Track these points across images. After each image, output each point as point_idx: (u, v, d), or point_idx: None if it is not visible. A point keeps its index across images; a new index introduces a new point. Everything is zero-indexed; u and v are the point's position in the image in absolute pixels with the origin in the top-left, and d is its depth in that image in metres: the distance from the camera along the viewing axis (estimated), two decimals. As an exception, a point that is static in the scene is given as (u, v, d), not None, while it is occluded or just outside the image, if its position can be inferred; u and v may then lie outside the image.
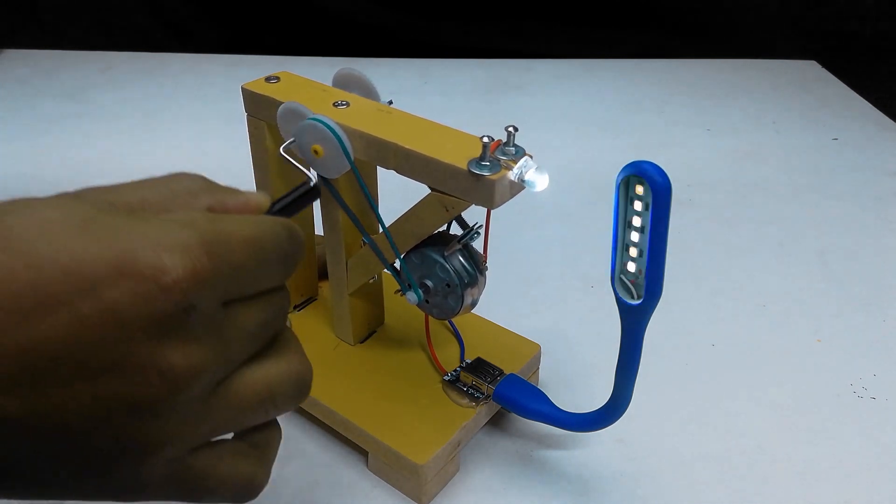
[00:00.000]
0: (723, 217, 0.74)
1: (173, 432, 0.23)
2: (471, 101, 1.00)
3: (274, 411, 0.26)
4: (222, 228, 0.23)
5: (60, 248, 0.21)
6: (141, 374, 0.21)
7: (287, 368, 0.26)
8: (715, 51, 1.17)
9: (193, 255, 0.21)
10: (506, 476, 0.45)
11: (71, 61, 1.10)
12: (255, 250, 0.24)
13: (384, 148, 0.39)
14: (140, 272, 0.21)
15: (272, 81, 0.45)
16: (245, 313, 0.24)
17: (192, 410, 0.23)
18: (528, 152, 0.37)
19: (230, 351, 0.24)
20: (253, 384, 0.25)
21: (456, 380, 0.46)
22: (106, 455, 0.22)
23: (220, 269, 0.22)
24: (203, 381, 0.23)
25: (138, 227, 0.22)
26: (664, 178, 0.31)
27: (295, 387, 0.26)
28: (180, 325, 0.21)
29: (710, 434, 0.48)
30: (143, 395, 0.21)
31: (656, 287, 0.34)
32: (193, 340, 0.22)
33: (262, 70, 0.47)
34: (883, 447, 0.48)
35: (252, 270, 0.24)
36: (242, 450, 0.26)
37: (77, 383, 0.21)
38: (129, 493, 0.24)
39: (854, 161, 0.86)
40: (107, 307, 0.20)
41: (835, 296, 0.62)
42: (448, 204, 0.38)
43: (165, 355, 0.21)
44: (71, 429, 0.21)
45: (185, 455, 0.24)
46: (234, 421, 0.25)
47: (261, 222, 0.25)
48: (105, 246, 0.21)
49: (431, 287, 0.42)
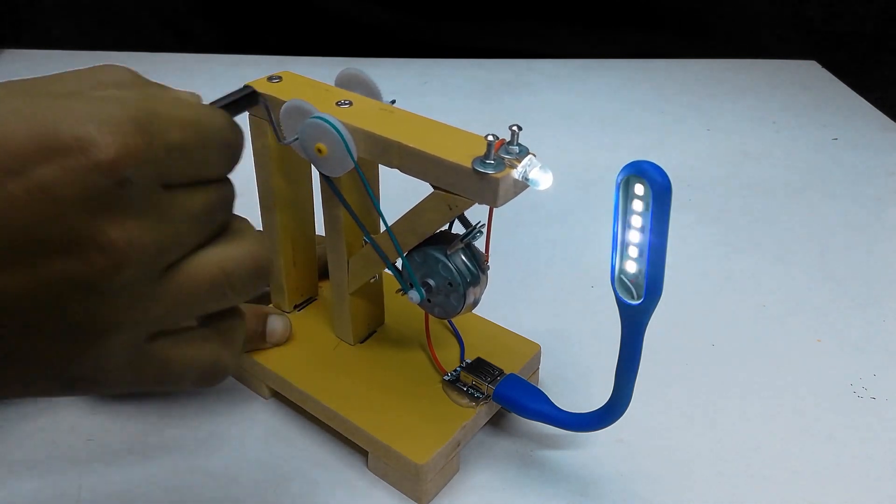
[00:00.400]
0: (723, 217, 0.74)
1: (124, 314, 0.22)
2: (471, 101, 1.00)
3: (232, 294, 0.25)
4: (155, 108, 0.23)
5: None
6: (80, 250, 0.21)
7: (240, 251, 0.26)
8: (715, 51, 1.17)
9: (124, 130, 0.21)
10: (506, 476, 0.45)
11: (71, 61, 1.10)
12: (192, 132, 0.24)
13: (387, 146, 0.39)
14: (68, 146, 0.20)
15: (275, 81, 0.45)
16: (188, 197, 0.24)
17: (141, 291, 0.22)
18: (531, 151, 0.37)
19: (176, 232, 0.23)
20: (206, 265, 0.24)
21: (456, 380, 0.46)
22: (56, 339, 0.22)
23: (154, 145, 0.22)
24: (146, 258, 0.22)
25: (65, 104, 0.21)
26: (664, 178, 0.31)
27: (250, 267, 0.26)
28: (116, 199, 0.21)
29: (710, 434, 0.48)
30: (86, 271, 0.21)
31: (656, 287, 0.34)
32: (132, 216, 0.21)
33: (263, 70, 0.47)
34: (883, 447, 0.48)
35: (191, 153, 0.24)
36: (205, 335, 0.26)
37: (15, 266, 0.20)
38: (85, 381, 0.23)
39: (854, 161, 0.86)
40: (36, 185, 0.20)
41: (835, 296, 0.62)
42: (451, 202, 0.38)
43: (103, 229, 0.21)
44: (15, 314, 0.21)
45: (142, 341, 0.24)
46: (189, 304, 0.24)
47: (199, 108, 0.24)
48: (30, 123, 0.20)
49: (434, 286, 0.42)
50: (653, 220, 0.32)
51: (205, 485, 0.44)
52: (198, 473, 0.45)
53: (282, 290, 0.51)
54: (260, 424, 0.48)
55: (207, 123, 0.24)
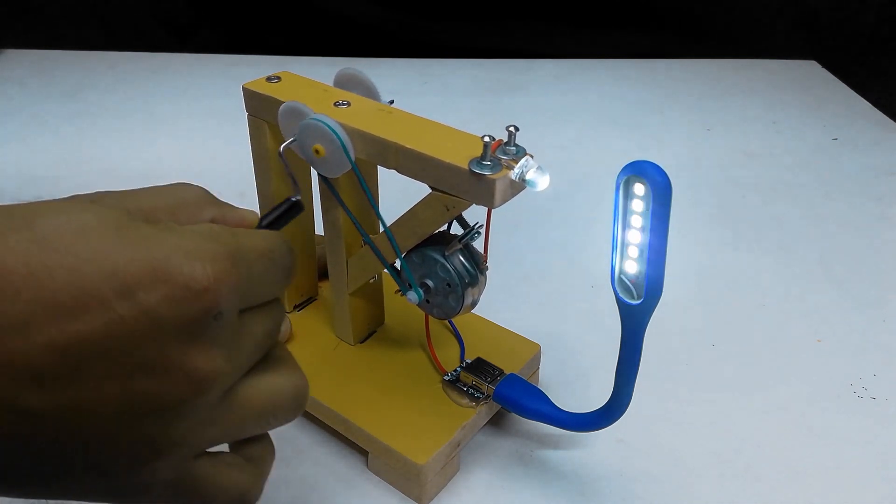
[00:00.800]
0: (723, 217, 0.74)
1: (187, 435, 0.24)
2: (471, 101, 1.00)
3: (273, 422, 0.27)
4: (242, 242, 0.25)
5: (98, 252, 0.22)
6: (170, 374, 0.22)
7: (287, 381, 0.27)
8: (715, 51, 1.17)
9: (221, 265, 0.23)
10: (506, 476, 0.45)
11: (71, 61, 1.10)
12: (267, 261, 0.26)
13: (385, 147, 0.39)
14: (174, 278, 0.22)
15: (273, 81, 0.45)
16: (254, 321, 0.26)
17: (207, 414, 0.24)
18: (528, 152, 0.37)
19: (242, 357, 0.25)
20: (258, 394, 0.26)
21: (456, 380, 0.46)
22: (119, 454, 0.23)
23: (243, 277, 0.24)
24: (220, 385, 0.24)
25: (170, 237, 0.23)
26: (664, 178, 0.31)
27: (294, 400, 0.28)
28: (207, 329, 0.23)
29: (709, 434, 0.48)
30: (170, 395, 0.22)
31: (656, 287, 0.34)
32: (216, 345, 0.23)
33: (263, 70, 0.47)
34: (883, 447, 0.48)
35: (264, 280, 0.26)
36: (239, 462, 0.27)
37: (107, 381, 0.22)
38: (131, 495, 0.24)
39: (854, 161, 0.86)
40: (143, 310, 0.21)
41: (835, 296, 0.62)
42: (449, 203, 0.38)
43: (193, 358, 0.23)
44: (92, 426, 0.22)
45: (189, 460, 0.25)
46: (239, 428, 0.26)
47: (269, 237, 0.27)
48: (141, 252, 0.22)
49: (432, 287, 0.42)
50: (653, 220, 0.32)
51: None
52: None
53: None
54: (260, 425, 0.48)
55: (277, 251, 0.27)
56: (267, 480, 0.29)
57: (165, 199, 0.27)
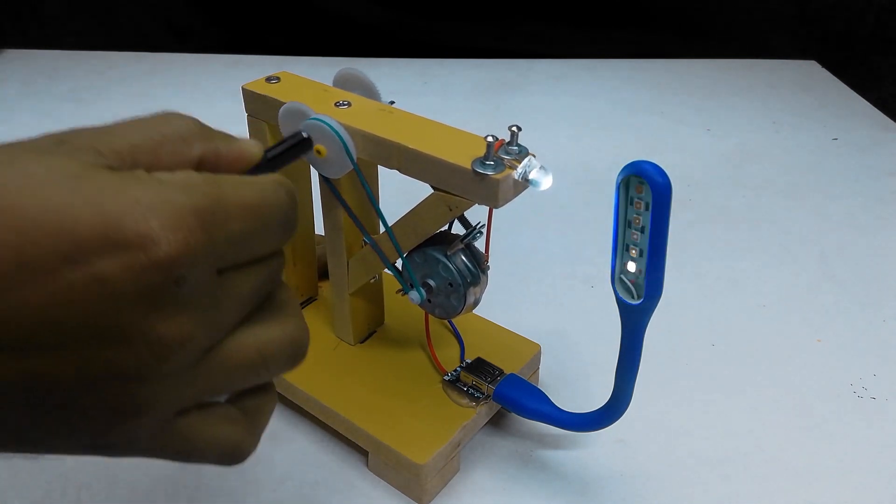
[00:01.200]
0: (723, 217, 0.74)
1: (160, 397, 0.22)
2: (471, 101, 1.00)
3: (266, 375, 0.25)
4: (221, 194, 0.22)
5: (46, 209, 0.20)
6: (128, 344, 0.21)
7: (282, 333, 0.25)
8: (715, 51, 1.17)
9: (187, 226, 0.20)
10: (506, 476, 0.45)
11: (71, 61, 1.10)
12: (255, 217, 0.23)
13: (387, 147, 0.39)
14: (129, 241, 0.20)
15: (273, 82, 0.45)
16: (240, 279, 0.23)
17: (180, 377, 0.22)
18: (531, 152, 0.37)
19: (221, 317, 0.23)
20: (245, 349, 0.24)
21: (456, 380, 0.46)
22: (91, 418, 0.22)
23: (216, 240, 0.21)
24: (191, 349, 0.22)
25: (132, 190, 0.21)
26: (664, 178, 0.31)
27: (289, 351, 0.25)
28: (170, 296, 0.21)
29: (709, 434, 0.48)
30: (131, 363, 0.21)
31: (656, 287, 0.34)
32: (183, 311, 0.21)
33: (262, 70, 0.47)
34: (883, 447, 0.48)
35: (250, 239, 0.23)
36: (232, 415, 0.26)
37: (61, 351, 0.20)
38: (117, 449, 0.23)
39: (854, 161, 0.86)
40: (94, 277, 0.20)
41: (835, 296, 0.62)
42: (451, 203, 0.38)
43: (154, 326, 0.21)
44: (57, 393, 0.21)
45: (172, 417, 0.23)
46: (224, 385, 0.24)
47: (263, 187, 0.24)
48: (94, 209, 0.20)
49: (434, 286, 0.42)
50: (653, 220, 0.32)
51: (204, 485, 0.44)
52: (197, 473, 0.45)
53: (282, 291, 0.51)
54: (260, 425, 0.48)
55: (270, 205, 0.23)
56: (262, 432, 0.27)
57: (147, 133, 0.24)
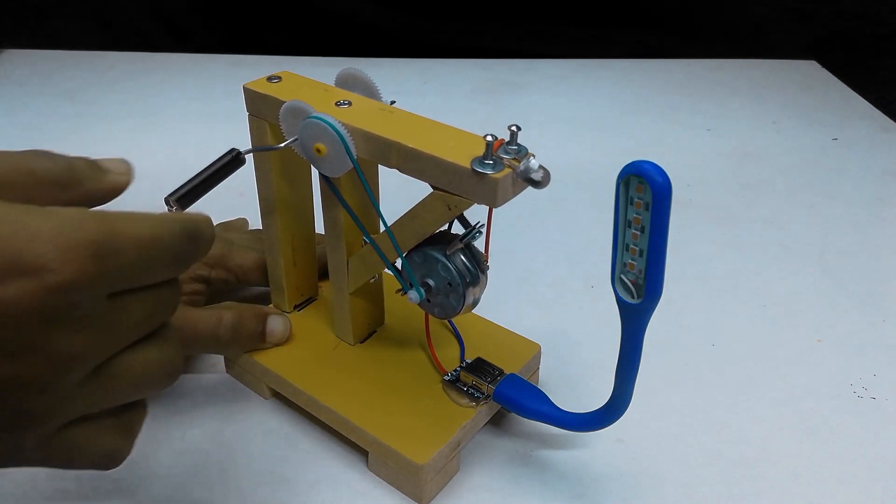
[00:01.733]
0: (723, 217, 0.74)
1: (52, 409, 0.24)
2: (471, 101, 1.00)
3: (146, 393, 0.28)
4: (113, 229, 0.24)
5: None
6: (28, 356, 0.23)
7: (160, 356, 0.27)
8: (715, 51, 1.17)
9: (80, 257, 0.22)
10: (506, 476, 0.45)
11: (71, 61, 1.10)
12: (145, 250, 0.25)
13: (387, 147, 0.39)
14: (29, 268, 0.22)
15: (274, 81, 0.45)
16: (131, 304, 0.25)
17: (73, 389, 0.24)
18: (530, 151, 0.37)
19: (113, 338, 0.25)
20: (130, 369, 0.26)
21: (456, 380, 0.46)
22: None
23: (107, 270, 0.23)
24: (86, 364, 0.24)
25: (28, 220, 0.22)
26: (664, 177, 0.31)
27: (166, 373, 0.28)
28: (66, 317, 0.23)
29: (710, 434, 0.48)
30: (29, 375, 0.23)
31: (656, 287, 0.34)
32: (78, 329, 0.23)
33: (263, 70, 0.47)
34: (883, 447, 0.48)
35: (142, 269, 0.25)
36: (110, 424, 0.28)
37: None
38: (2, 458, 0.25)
39: (854, 161, 0.86)
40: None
41: (835, 296, 0.62)
42: (451, 203, 0.38)
43: (51, 341, 0.23)
44: None
45: (56, 430, 0.25)
46: (108, 400, 0.26)
47: (156, 223, 0.25)
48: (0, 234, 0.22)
49: (433, 286, 0.42)
50: (653, 219, 0.32)
51: (205, 484, 0.44)
52: (197, 473, 0.45)
53: (282, 291, 0.51)
54: (260, 424, 0.48)
55: (163, 240, 0.25)
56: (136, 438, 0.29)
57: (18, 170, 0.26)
